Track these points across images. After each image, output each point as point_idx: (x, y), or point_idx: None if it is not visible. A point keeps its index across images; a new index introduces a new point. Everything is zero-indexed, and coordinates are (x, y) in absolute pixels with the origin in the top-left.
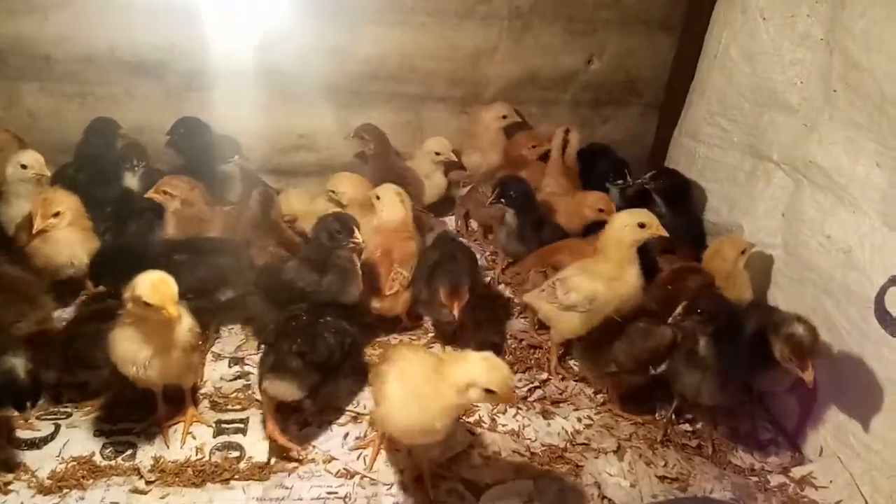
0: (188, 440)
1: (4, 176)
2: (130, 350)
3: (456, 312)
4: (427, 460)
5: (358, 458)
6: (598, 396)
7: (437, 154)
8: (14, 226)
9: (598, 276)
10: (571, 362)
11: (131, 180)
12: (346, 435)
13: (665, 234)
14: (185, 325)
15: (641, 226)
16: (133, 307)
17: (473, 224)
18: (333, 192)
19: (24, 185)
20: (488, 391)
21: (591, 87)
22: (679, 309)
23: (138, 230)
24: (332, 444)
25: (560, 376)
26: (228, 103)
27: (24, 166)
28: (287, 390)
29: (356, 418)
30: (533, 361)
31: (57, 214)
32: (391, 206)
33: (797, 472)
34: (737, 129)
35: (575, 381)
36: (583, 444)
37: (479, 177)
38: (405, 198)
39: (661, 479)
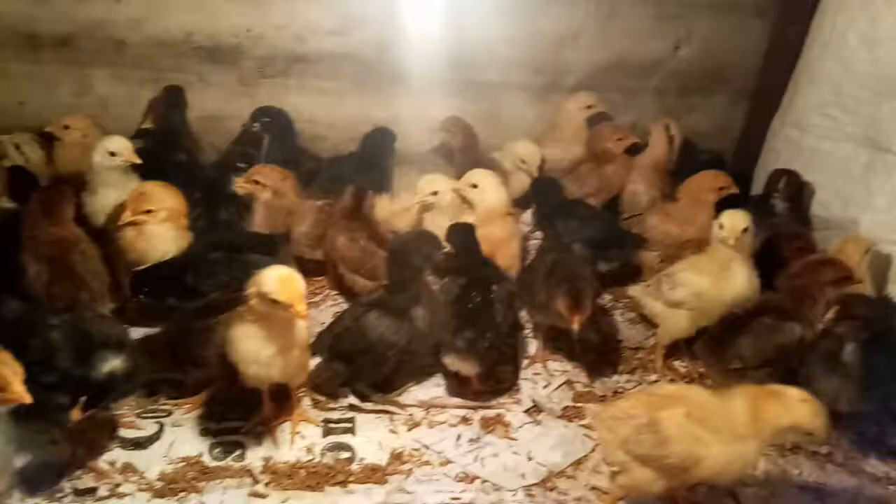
0: (297, 440)
1: (89, 164)
2: (253, 348)
3: (576, 326)
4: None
5: (475, 461)
6: None
7: (523, 162)
8: (104, 216)
9: (707, 273)
10: (676, 363)
11: None
12: (459, 437)
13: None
14: (305, 323)
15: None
16: (258, 304)
17: None
18: (435, 194)
19: (111, 173)
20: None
21: (678, 74)
22: (830, 313)
23: (229, 219)
24: (445, 445)
25: (668, 377)
26: (302, 90)
27: (112, 153)
28: (468, 367)
29: (466, 420)
30: (636, 362)
31: (149, 212)
32: (493, 190)
33: None
34: (852, 119)
35: (684, 381)
36: None
37: (560, 172)
38: (501, 182)
39: (801, 489)
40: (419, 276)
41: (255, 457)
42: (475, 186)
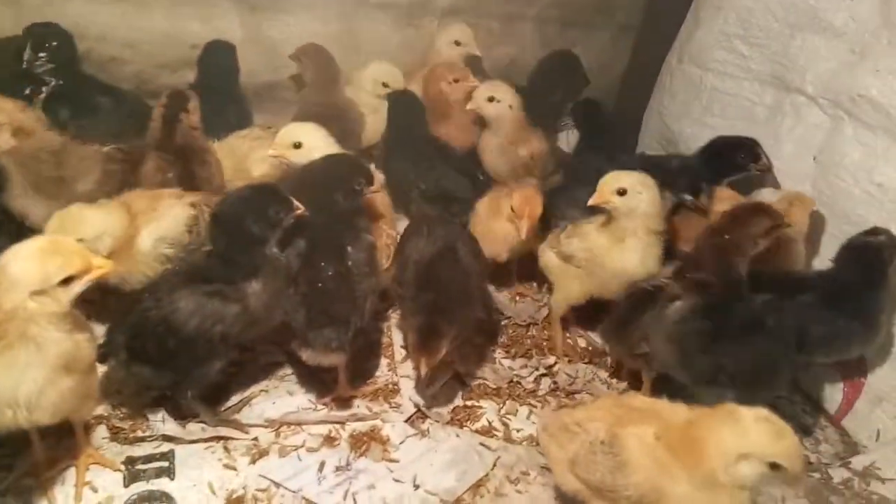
0: (87, 494)
1: None
2: (5, 384)
3: (422, 370)
4: None
5: (345, 499)
6: (615, 381)
7: (385, 85)
8: None
9: (606, 234)
10: (569, 339)
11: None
12: (322, 465)
13: None
14: (84, 335)
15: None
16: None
17: None
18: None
19: None
20: (773, 466)
21: (561, 3)
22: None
23: None
24: (304, 479)
25: (567, 358)
26: None
27: None
28: (333, 358)
29: (331, 440)
30: (530, 342)
31: None
32: (326, 147)
33: (857, 462)
34: (759, 54)
35: (584, 363)
36: None
37: None
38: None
39: None
40: (259, 248)
41: None
42: (298, 147)
